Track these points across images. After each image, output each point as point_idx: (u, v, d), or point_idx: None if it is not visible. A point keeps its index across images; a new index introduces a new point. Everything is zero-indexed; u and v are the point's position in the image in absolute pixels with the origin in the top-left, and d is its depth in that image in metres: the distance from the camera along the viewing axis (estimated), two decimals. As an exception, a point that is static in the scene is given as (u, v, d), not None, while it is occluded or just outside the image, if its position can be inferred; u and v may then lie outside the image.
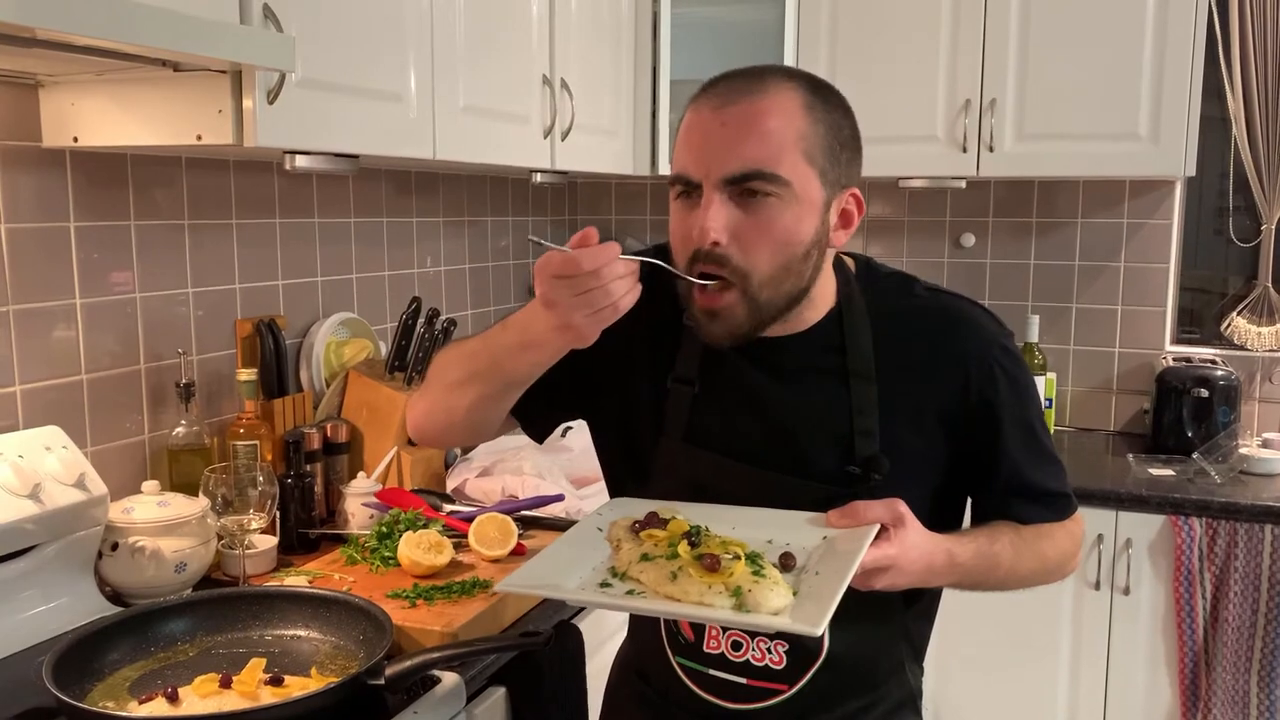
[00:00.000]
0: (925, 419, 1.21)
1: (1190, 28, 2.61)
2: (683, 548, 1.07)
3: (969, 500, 1.31)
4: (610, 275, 1.04)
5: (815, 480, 1.20)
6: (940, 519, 1.22)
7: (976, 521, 1.29)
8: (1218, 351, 3.00)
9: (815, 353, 1.22)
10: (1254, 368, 2.98)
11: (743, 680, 1.25)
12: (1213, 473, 2.61)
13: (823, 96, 1.15)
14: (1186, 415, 2.81)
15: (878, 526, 1.10)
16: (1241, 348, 2.98)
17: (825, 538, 1.12)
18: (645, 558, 1.08)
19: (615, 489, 1.38)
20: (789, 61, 2.89)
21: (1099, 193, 3.08)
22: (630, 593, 1.06)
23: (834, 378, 1.21)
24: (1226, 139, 2.96)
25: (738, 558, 1.04)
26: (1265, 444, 2.77)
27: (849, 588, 1.02)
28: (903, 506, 1.12)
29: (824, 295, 1.22)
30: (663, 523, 1.14)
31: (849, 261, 1.27)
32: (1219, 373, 2.81)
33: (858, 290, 1.23)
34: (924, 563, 1.12)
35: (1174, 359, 2.96)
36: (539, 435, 1.40)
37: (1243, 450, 2.71)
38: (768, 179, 1.09)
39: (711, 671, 1.27)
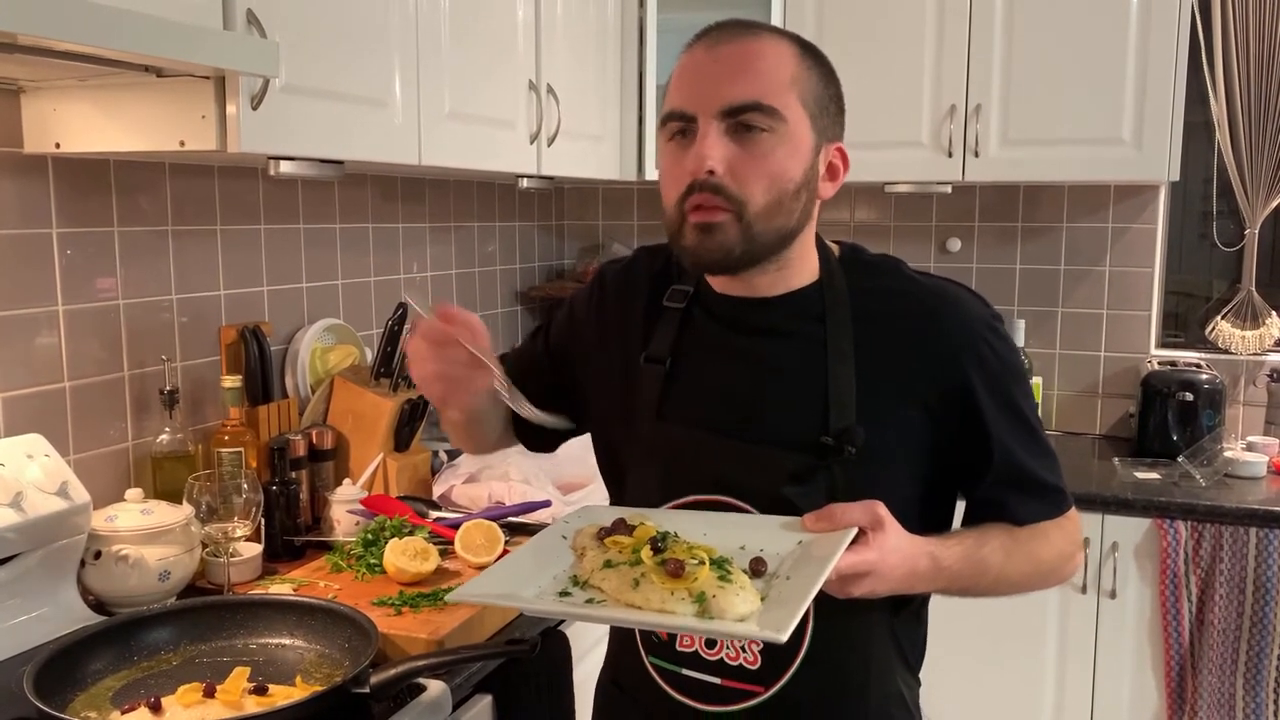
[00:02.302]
0: (906, 397, 1.17)
1: (1174, 33, 2.62)
2: (645, 553, 1.03)
3: (962, 502, 1.26)
4: (454, 355, 1.14)
5: (787, 450, 1.16)
6: (929, 517, 1.20)
7: (968, 524, 1.23)
8: (1202, 355, 3.01)
9: (793, 319, 1.20)
10: (1238, 371, 3.00)
11: (717, 680, 1.21)
12: (1198, 476, 2.62)
13: (813, 53, 1.17)
14: (1171, 419, 2.82)
15: (855, 530, 1.05)
16: (1226, 351, 3.00)
17: (800, 543, 1.08)
18: (608, 564, 1.05)
19: (608, 487, 1.38)
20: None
21: (1084, 197, 3.09)
22: (590, 601, 1.03)
23: (811, 347, 1.19)
24: (1210, 144, 2.98)
25: (702, 563, 1.01)
26: (1249, 447, 2.79)
27: (827, 595, 0.99)
28: (882, 509, 1.07)
29: (807, 263, 1.21)
30: (630, 529, 1.10)
31: (833, 246, 1.26)
32: (1203, 376, 2.83)
33: (839, 269, 1.22)
34: (906, 568, 1.07)
35: (1159, 363, 2.97)
36: (545, 447, 1.45)
37: (1227, 453, 2.72)
38: (765, 111, 1.10)
39: (685, 671, 1.23)
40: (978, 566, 1.15)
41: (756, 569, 1.05)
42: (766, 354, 1.21)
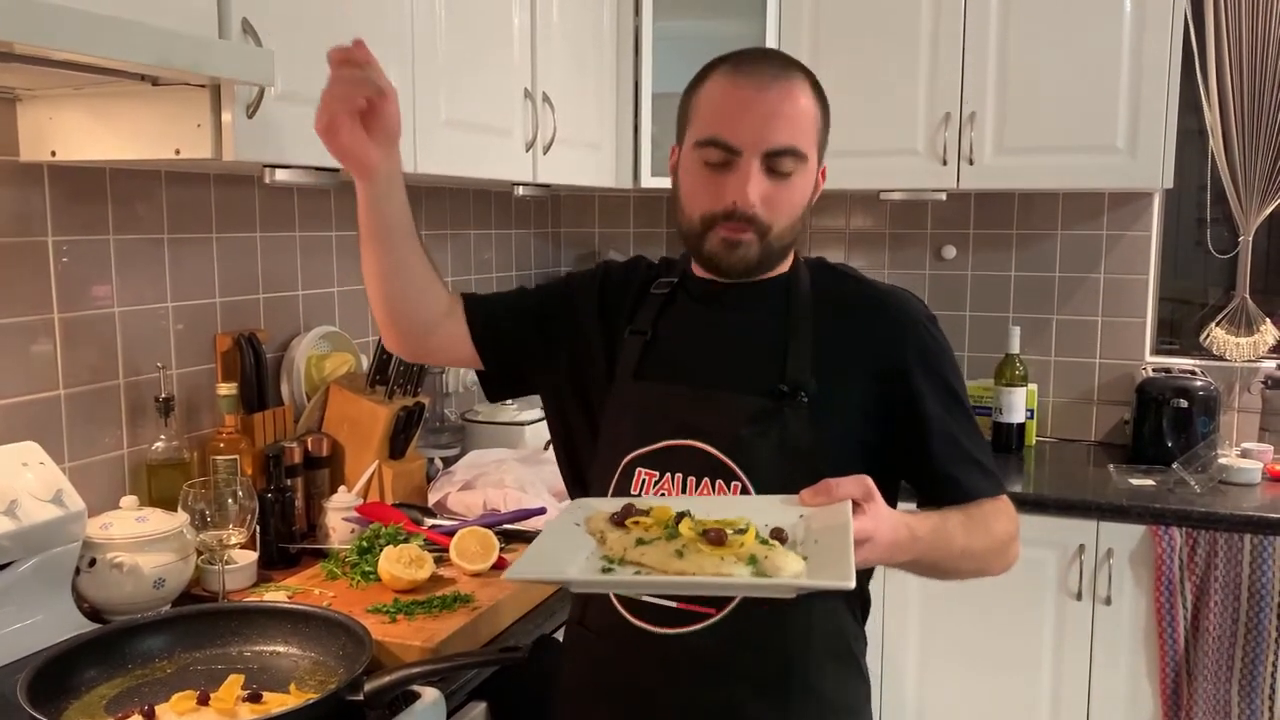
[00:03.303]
0: (854, 368, 1.31)
1: (1167, 41, 2.63)
2: (685, 526, 1.07)
3: (911, 486, 1.37)
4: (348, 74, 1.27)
5: (746, 396, 1.30)
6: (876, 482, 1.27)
7: (920, 507, 1.33)
8: (1197, 362, 3.02)
9: (762, 298, 1.36)
10: (1233, 378, 3.00)
11: (673, 605, 1.29)
12: (1192, 482, 2.62)
13: (818, 85, 1.33)
14: (1166, 425, 2.82)
15: (850, 502, 1.12)
16: (1220, 358, 3.00)
17: (802, 516, 1.13)
18: (641, 542, 1.08)
19: (567, 454, 1.49)
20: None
21: (1078, 205, 3.10)
22: (638, 573, 1.06)
23: (775, 320, 1.34)
24: (1204, 151, 2.99)
25: (742, 530, 1.05)
26: (1244, 454, 2.79)
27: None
28: (870, 482, 1.14)
29: (788, 255, 1.38)
30: (643, 512, 1.14)
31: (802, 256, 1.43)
32: (1198, 383, 2.83)
33: (804, 267, 1.40)
34: (891, 536, 1.14)
35: (1154, 370, 2.97)
36: (496, 392, 1.54)
37: (1222, 460, 2.72)
38: (799, 156, 1.27)
39: (645, 598, 1.30)
40: (945, 539, 1.24)
41: (780, 538, 1.09)
42: (735, 324, 1.37)
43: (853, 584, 0.96)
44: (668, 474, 1.32)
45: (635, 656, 1.32)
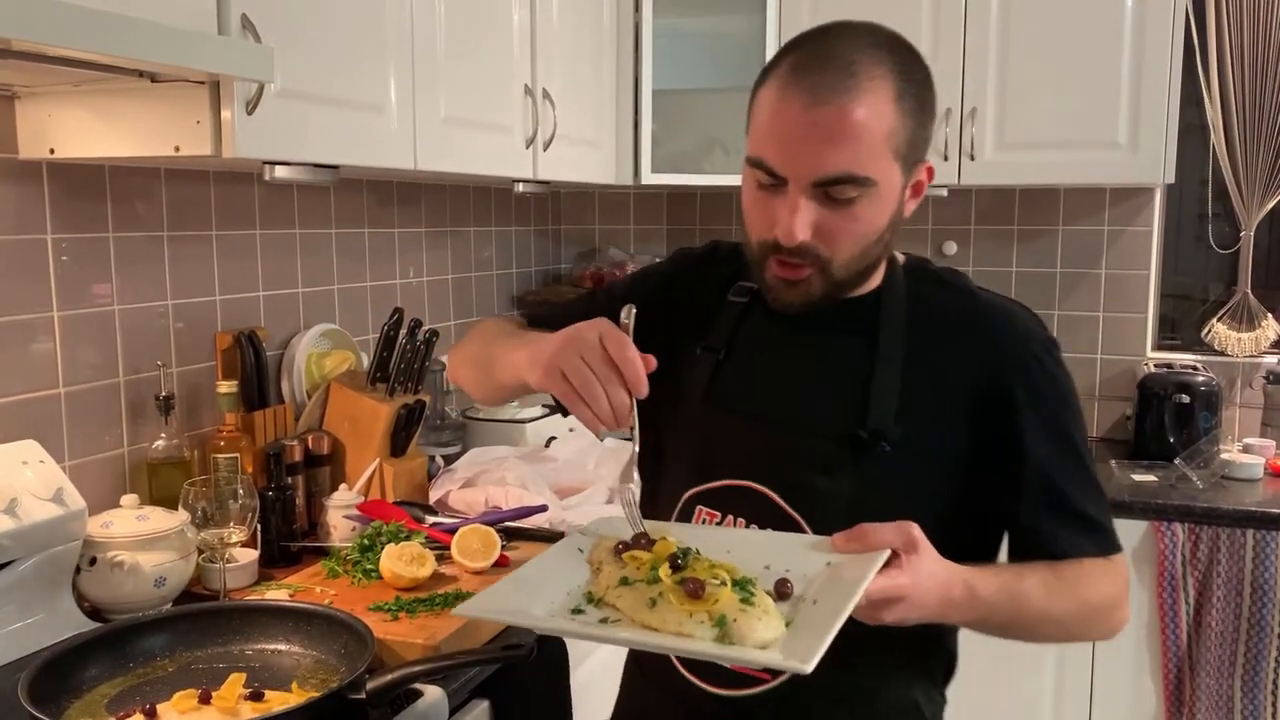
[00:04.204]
0: (949, 407, 1.15)
1: (1168, 36, 2.63)
2: (664, 571, 0.98)
3: (1003, 536, 1.22)
4: (617, 395, 1.05)
5: (820, 440, 1.16)
6: (957, 539, 1.12)
7: (1011, 561, 1.18)
8: (1198, 357, 3.02)
9: (848, 321, 1.20)
10: (1234, 373, 3.00)
11: (727, 664, 1.16)
12: (1194, 478, 2.62)
13: (909, 76, 1.12)
14: (1168, 421, 2.82)
15: (887, 552, 1.00)
16: (1222, 353, 3.00)
17: (829, 564, 1.02)
18: (625, 582, 1.00)
19: (644, 472, 1.34)
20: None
21: (1080, 200, 3.10)
22: (604, 621, 0.98)
23: (861, 348, 1.18)
24: (1205, 146, 2.98)
25: (724, 583, 0.95)
26: (1246, 449, 2.79)
27: (853, 620, 0.94)
28: (916, 531, 1.02)
29: (873, 273, 1.22)
30: (650, 544, 1.05)
31: (900, 257, 1.26)
32: (1200, 378, 2.83)
33: (901, 279, 1.22)
34: (940, 594, 1.02)
35: (1155, 365, 2.97)
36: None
37: (1224, 455, 2.72)
38: (857, 182, 1.08)
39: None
40: (1017, 601, 1.10)
41: (782, 591, 1.00)
42: (816, 351, 1.21)
43: (808, 669, 0.85)
44: (729, 517, 1.20)
45: (687, 714, 1.23)
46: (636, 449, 1.13)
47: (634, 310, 1.11)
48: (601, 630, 0.97)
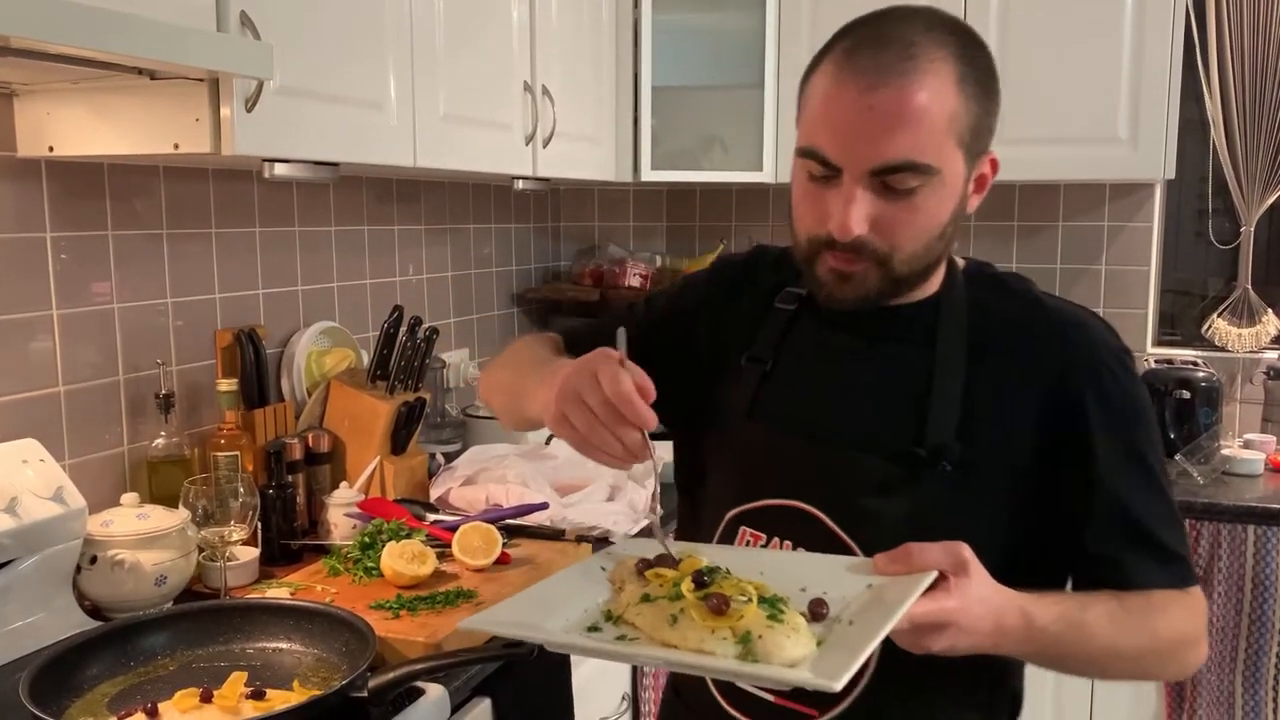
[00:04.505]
0: (1014, 422, 1.07)
1: (1168, 31, 2.63)
2: (686, 586, 0.93)
3: (1068, 570, 1.13)
4: (627, 434, 0.99)
5: (875, 459, 1.08)
6: (1019, 564, 1.05)
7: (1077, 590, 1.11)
8: (1199, 353, 3.01)
9: (904, 330, 1.13)
10: (1235, 369, 3.00)
11: (770, 698, 1.11)
12: (1195, 474, 2.62)
13: (972, 59, 1.06)
14: (1169, 417, 2.82)
15: (933, 574, 0.93)
16: (1222, 349, 3.00)
17: (870, 586, 0.95)
18: (646, 599, 0.95)
19: (685, 491, 1.30)
20: (770, 68, 2.90)
21: (1079, 196, 3.10)
22: (621, 638, 0.92)
23: (918, 359, 1.10)
24: (1205, 142, 2.98)
25: (749, 600, 0.90)
26: (1247, 445, 2.79)
27: (901, 652, 0.89)
28: (967, 551, 0.95)
29: (932, 274, 1.14)
30: (675, 563, 1.00)
31: (960, 261, 1.19)
32: (1200, 374, 2.83)
33: (962, 284, 1.15)
34: (991, 622, 0.94)
35: (1155, 361, 2.97)
36: None
37: (1225, 451, 2.72)
38: (918, 170, 1.01)
39: (741, 683, 1.13)
40: (1080, 632, 1.01)
41: (816, 612, 0.93)
42: (869, 362, 1.14)
43: (837, 687, 0.79)
44: (774, 539, 1.13)
45: None
46: (656, 484, 1.07)
47: (624, 334, 1.04)
48: (615, 647, 0.92)
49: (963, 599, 0.92)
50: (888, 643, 0.90)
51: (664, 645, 0.89)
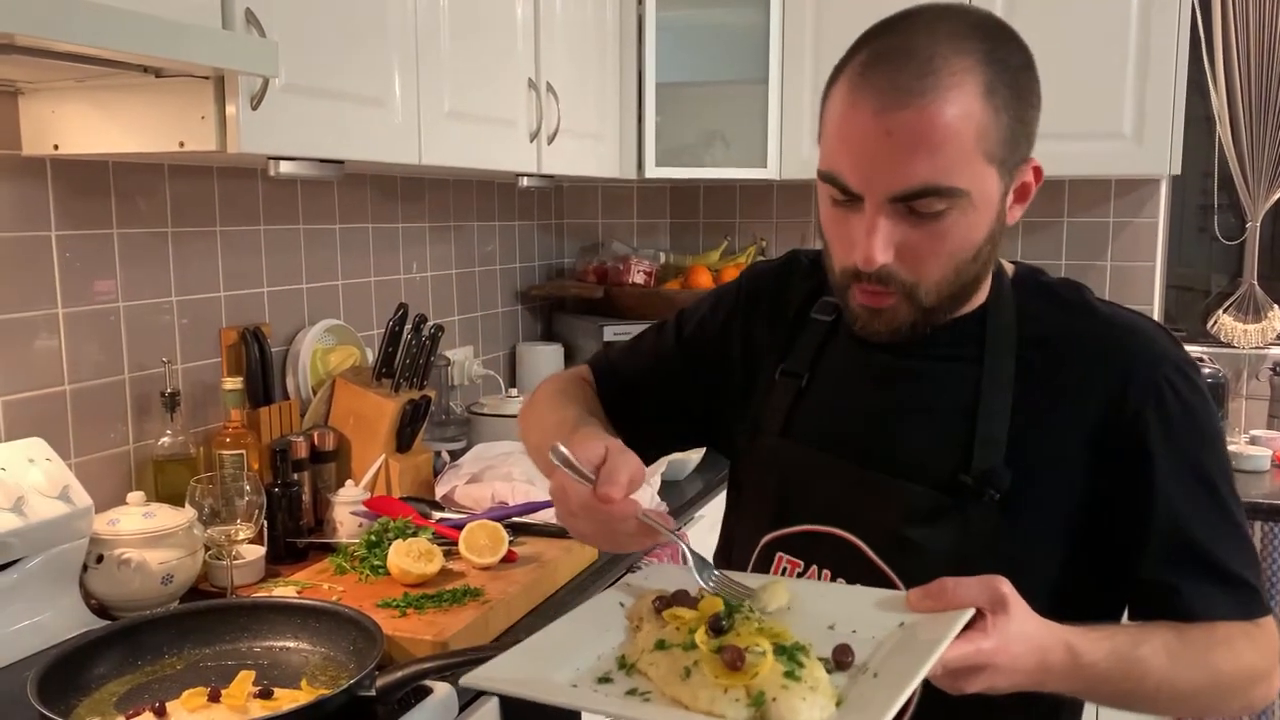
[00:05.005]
0: (1067, 443, 1.01)
1: (1174, 27, 2.62)
2: (700, 636, 0.87)
3: (1124, 602, 1.06)
4: (621, 529, 0.96)
5: (920, 484, 1.03)
6: (1070, 596, 1.00)
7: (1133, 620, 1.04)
8: (1204, 349, 3.01)
9: (948, 344, 1.06)
10: (1240, 365, 2.99)
11: None
12: (1201, 470, 2.61)
13: (1002, 62, 0.98)
14: (1174, 413, 2.81)
15: (970, 612, 0.87)
16: (1228, 345, 2.99)
17: (903, 624, 0.90)
18: (661, 644, 0.89)
19: (728, 500, 1.26)
20: (774, 64, 2.89)
21: (1084, 192, 3.09)
22: (632, 693, 0.87)
23: (964, 376, 1.05)
24: (1211, 137, 2.98)
25: (764, 653, 0.84)
26: (1253, 441, 2.79)
27: (936, 691, 0.84)
28: (1006, 586, 0.88)
29: (975, 292, 1.08)
30: (694, 599, 0.95)
31: (1009, 267, 1.13)
32: (1206, 370, 2.82)
33: (1010, 293, 1.09)
34: (1034, 660, 0.88)
35: (1161, 357, 2.96)
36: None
37: (1231, 448, 2.71)
38: (942, 194, 0.95)
39: None
40: (1132, 668, 0.94)
41: (840, 660, 0.87)
42: (911, 379, 1.08)
43: None
44: (812, 567, 1.08)
45: None
46: (688, 551, 1.01)
47: (561, 448, 0.96)
48: (620, 706, 0.86)
49: (1001, 638, 0.86)
50: (925, 680, 0.85)
51: (674, 702, 0.85)
